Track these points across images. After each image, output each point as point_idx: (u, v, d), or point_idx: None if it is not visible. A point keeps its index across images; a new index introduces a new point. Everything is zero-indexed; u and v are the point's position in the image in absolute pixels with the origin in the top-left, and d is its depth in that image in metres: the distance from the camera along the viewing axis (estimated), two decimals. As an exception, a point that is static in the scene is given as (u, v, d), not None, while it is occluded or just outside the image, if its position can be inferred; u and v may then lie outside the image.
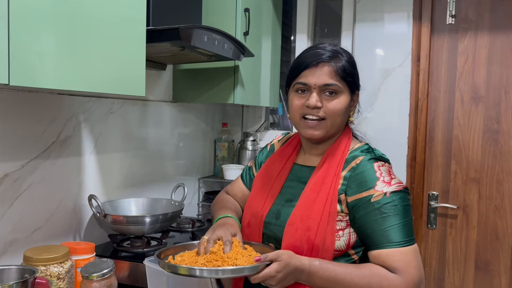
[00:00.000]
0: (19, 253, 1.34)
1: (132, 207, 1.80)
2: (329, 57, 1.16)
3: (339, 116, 1.17)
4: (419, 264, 1.05)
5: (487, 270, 2.22)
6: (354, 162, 1.14)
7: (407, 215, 1.08)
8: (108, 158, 1.76)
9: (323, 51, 1.17)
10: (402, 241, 1.05)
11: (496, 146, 2.19)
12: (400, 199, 1.08)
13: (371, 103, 2.36)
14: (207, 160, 2.52)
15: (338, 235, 1.11)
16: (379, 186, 1.08)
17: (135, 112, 1.91)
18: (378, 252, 1.06)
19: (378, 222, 1.06)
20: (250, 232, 1.24)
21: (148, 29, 1.35)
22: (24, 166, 1.40)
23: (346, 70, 1.16)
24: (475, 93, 2.22)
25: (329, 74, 1.15)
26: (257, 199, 1.27)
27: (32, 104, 1.42)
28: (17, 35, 0.94)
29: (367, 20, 2.36)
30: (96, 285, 1.24)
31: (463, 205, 2.26)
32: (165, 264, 1.07)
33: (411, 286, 1.02)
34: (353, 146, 1.20)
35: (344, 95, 1.17)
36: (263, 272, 1.02)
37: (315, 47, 1.20)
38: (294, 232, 1.12)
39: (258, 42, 2.22)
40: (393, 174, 1.13)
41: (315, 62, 1.15)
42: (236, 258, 1.06)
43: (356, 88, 1.21)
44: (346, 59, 1.18)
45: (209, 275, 1.03)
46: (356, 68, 1.21)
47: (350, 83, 1.18)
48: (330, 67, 1.15)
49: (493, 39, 2.18)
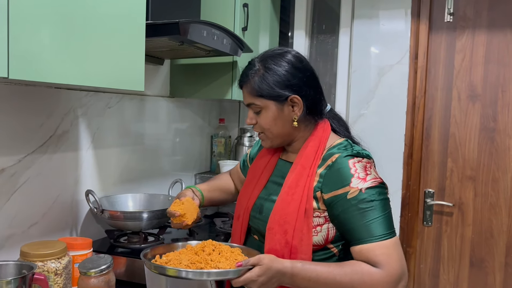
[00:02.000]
0: (16, 249, 1.33)
1: (129, 203, 1.79)
2: (245, 77, 1.21)
3: (272, 128, 1.21)
4: (400, 256, 1.08)
5: (482, 267, 2.24)
6: (330, 159, 1.16)
7: (385, 209, 1.10)
8: (105, 153, 1.75)
9: (244, 70, 1.23)
10: (382, 234, 1.07)
11: (492, 144, 2.20)
12: (376, 193, 1.10)
13: (368, 100, 2.36)
14: (203, 156, 2.51)
15: (316, 231, 1.14)
16: (354, 182, 1.10)
17: (133, 107, 1.90)
18: (359, 248, 1.08)
19: (356, 218, 1.09)
20: (239, 224, 1.31)
21: (147, 24, 1.34)
22: (21, 160, 1.38)
23: (260, 87, 1.18)
24: (472, 91, 2.23)
25: (247, 95, 1.22)
26: (245, 192, 1.33)
27: (30, 98, 1.40)
28: (17, 29, 0.93)
29: (365, 17, 2.36)
30: (94, 281, 1.23)
31: (458, 203, 2.27)
32: (151, 265, 1.10)
33: (393, 278, 1.05)
34: (332, 143, 1.22)
35: (269, 109, 1.19)
36: (244, 276, 1.05)
37: (246, 66, 1.25)
38: (273, 236, 1.16)
39: (256, 38, 2.21)
40: (369, 170, 1.13)
41: (239, 85, 1.25)
42: (219, 261, 1.11)
43: (283, 96, 1.17)
44: (261, 74, 1.18)
45: (194, 277, 1.06)
46: (280, 75, 1.17)
47: (268, 97, 1.18)
48: (246, 87, 1.21)
49: (490, 37, 2.19)
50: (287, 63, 1.19)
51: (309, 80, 1.21)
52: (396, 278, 1.05)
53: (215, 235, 1.79)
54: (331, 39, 2.51)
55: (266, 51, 1.26)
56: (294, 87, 1.18)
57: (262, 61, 1.21)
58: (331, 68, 2.50)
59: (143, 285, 1.34)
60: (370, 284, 1.05)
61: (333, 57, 2.48)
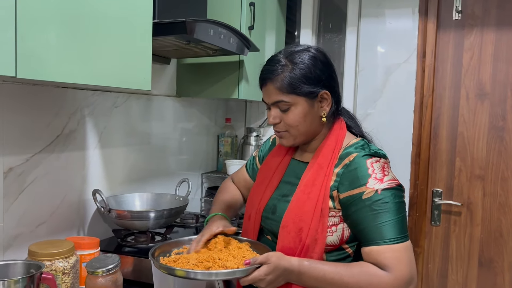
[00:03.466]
0: (24, 248, 1.33)
1: (136, 202, 1.79)
2: (271, 74, 1.16)
3: (300, 125, 1.17)
4: (410, 261, 1.05)
5: (491, 267, 2.22)
6: (348, 159, 1.14)
7: (399, 212, 1.07)
8: (112, 152, 1.75)
9: (268, 67, 1.18)
10: (394, 238, 1.05)
11: (501, 143, 2.18)
12: (392, 196, 1.07)
13: (375, 99, 2.35)
14: (210, 155, 2.51)
15: (331, 231, 1.12)
16: (370, 183, 1.08)
17: (139, 106, 1.90)
18: (369, 249, 1.07)
19: (369, 219, 1.07)
20: (250, 224, 1.28)
21: (154, 23, 1.34)
22: (29, 160, 1.39)
23: (291, 83, 1.13)
24: (481, 90, 2.21)
25: (274, 92, 1.16)
26: (256, 193, 1.30)
27: (37, 98, 1.41)
28: (24, 28, 0.93)
29: (372, 16, 2.35)
30: (102, 280, 1.23)
31: (467, 202, 2.25)
32: (160, 265, 1.09)
33: (401, 282, 1.03)
34: (348, 142, 1.20)
35: (298, 106, 1.15)
36: (252, 275, 1.05)
37: (266, 62, 1.20)
38: (287, 234, 1.14)
39: (262, 37, 2.20)
40: (386, 171, 1.12)
41: (262, 82, 1.19)
42: (227, 259, 1.10)
43: (314, 93, 1.15)
44: (290, 69, 1.14)
45: (203, 278, 1.06)
46: (309, 70, 1.14)
47: (300, 94, 1.14)
48: (273, 84, 1.15)
49: (499, 35, 2.16)
50: (314, 58, 1.16)
51: (334, 75, 1.20)
52: (403, 283, 1.03)
53: (222, 235, 1.79)
54: (338, 38, 2.49)
55: (287, 47, 1.22)
56: (325, 82, 1.16)
57: (288, 56, 1.16)
58: (338, 67, 2.48)
59: (151, 284, 1.34)
60: (377, 286, 1.03)
61: (340, 56, 2.47)
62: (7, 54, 0.90)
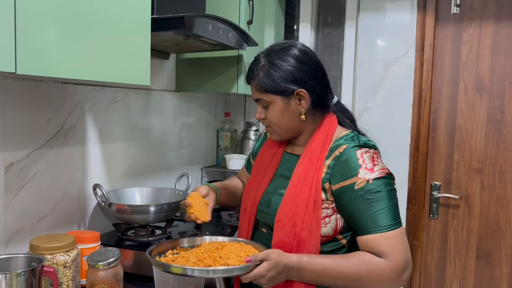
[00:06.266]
0: (25, 242, 1.35)
1: (136, 196, 1.80)
2: (251, 73, 1.23)
3: (279, 122, 1.22)
4: (405, 246, 1.09)
5: (488, 260, 2.24)
6: (338, 150, 1.16)
7: (391, 200, 1.11)
8: (112, 147, 1.76)
9: (250, 66, 1.24)
10: (388, 225, 1.08)
11: (499, 136, 2.19)
12: (383, 184, 1.10)
13: (374, 93, 2.35)
14: (209, 150, 2.52)
15: (324, 222, 1.15)
16: (361, 173, 1.11)
17: (139, 101, 1.91)
18: (365, 238, 1.09)
19: (363, 208, 1.09)
20: (246, 217, 1.31)
21: (153, 18, 1.34)
22: (29, 155, 1.40)
23: (266, 82, 1.19)
24: (479, 83, 2.21)
25: (255, 91, 1.23)
26: (252, 186, 1.33)
27: (37, 93, 1.42)
28: (24, 24, 0.93)
29: (371, 10, 2.35)
30: (102, 273, 1.24)
31: (465, 195, 2.26)
32: (157, 263, 1.10)
33: (398, 268, 1.07)
34: (338, 134, 1.22)
35: (275, 104, 1.20)
36: (253, 272, 1.06)
37: (252, 61, 1.26)
38: (282, 229, 1.17)
39: (261, 31, 2.20)
40: (376, 161, 1.14)
41: (247, 80, 1.26)
42: (228, 257, 1.10)
43: (289, 91, 1.18)
44: (266, 69, 1.19)
45: (200, 275, 1.06)
46: (285, 69, 1.18)
47: (275, 92, 1.19)
48: (253, 83, 1.23)
49: (497, 28, 2.17)
50: (292, 58, 1.19)
51: (314, 73, 1.21)
52: (401, 268, 1.07)
53: (221, 228, 1.80)
54: (337, 32, 2.50)
55: (271, 45, 1.26)
56: (299, 81, 1.18)
57: (267, 56, 1.21)
58: (337, 61, 2.49)
59: (151, 277, 1.35)
60: (376, 274, 1.06)
61: (339, 50, 2.47)
62: (6, 50, 0.90)
